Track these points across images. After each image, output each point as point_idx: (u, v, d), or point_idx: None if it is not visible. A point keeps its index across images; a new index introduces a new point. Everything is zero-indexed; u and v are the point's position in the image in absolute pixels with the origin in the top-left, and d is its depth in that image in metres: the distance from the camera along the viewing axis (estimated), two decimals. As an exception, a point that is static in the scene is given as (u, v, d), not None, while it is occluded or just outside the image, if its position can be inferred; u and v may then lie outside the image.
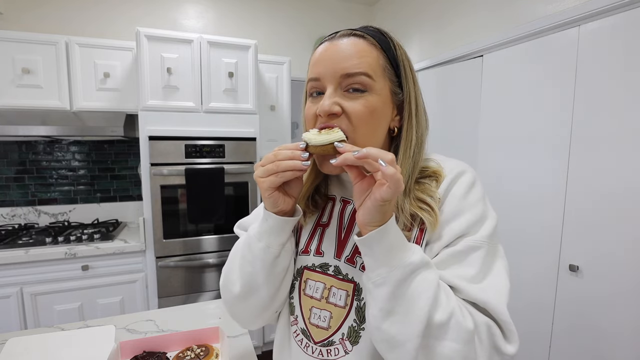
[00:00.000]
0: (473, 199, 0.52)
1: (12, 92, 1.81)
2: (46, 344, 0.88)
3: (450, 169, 0.55)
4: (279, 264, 0.55)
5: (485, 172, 1.85)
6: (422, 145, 0.55)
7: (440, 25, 2.14)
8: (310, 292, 0.57)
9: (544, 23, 1.49)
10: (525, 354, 1.63)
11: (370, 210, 0.42)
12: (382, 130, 0.53)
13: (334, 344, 0.54)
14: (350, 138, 0.49)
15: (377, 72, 0.50)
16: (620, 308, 1.29)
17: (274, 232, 0.53)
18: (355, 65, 0.49)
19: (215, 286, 1.99)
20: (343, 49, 0.50)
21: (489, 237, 0.50)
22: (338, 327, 0.54)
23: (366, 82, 0.49)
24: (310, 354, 0.56)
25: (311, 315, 0.56)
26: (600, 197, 1.34)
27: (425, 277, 0.43)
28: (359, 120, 0.49)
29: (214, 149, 1.93)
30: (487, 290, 0.46)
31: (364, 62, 0.49)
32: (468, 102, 1.93)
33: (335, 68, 0.49)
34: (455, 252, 0.48)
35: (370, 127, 0.50)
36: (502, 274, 0.49)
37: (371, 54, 0.50)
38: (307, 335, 0.57)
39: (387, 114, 0.53)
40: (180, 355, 0.83)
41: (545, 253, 1.54)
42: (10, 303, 1.66)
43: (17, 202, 2.14)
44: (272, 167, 0.47)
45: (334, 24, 2.75)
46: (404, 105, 0.53)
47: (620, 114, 1.27)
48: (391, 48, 0.52)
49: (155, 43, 1.79)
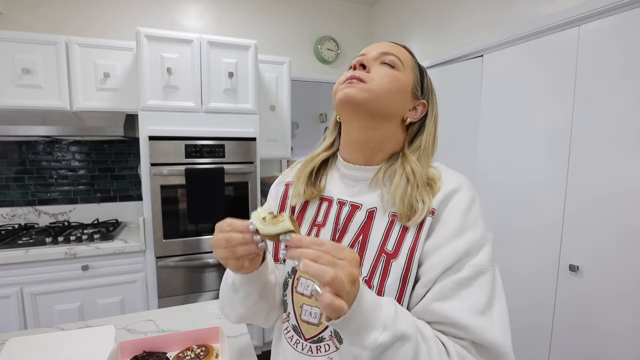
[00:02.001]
0: (474, 217, 0.52)
1: (12, 92, 1.81)
2: (46, 344, 0.88)
3: (448, 180, 0.55)
4: (265, 298, 0.59)
5: (485, 172, 1.85)
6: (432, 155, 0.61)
7: (441, 25, 2.14)
8: (301, 290, 0.59)
9: (544, 23, 1.49)
10: (526, 354, 1.63)
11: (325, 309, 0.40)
12: (398, 103, 0.58)
13: (324, 340, 0.56)
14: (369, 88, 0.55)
15: (406, 63, 0.60)
16: (620, 308, 1.29)
17: (247, 283, 0.56)
18: (392, 50, 0.60)
19: (215, 286, 1.99)
20: (385, 43, 0.61)
21: (492, 260, 0.50)
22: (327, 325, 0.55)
23: (396, 62, 0.58)
24: (299, 351, 0.58)
25: (302, 312, 0.58)
26: (600, 197, 1.34)
27: (400, 353, 0.42)
28: (380, 78, 0.56)
29: (214, 149, 1.93)
30: (495, 328, 0.47)
31: (399, 52, 0.60)
32: (468, 102, 1.93)
33: (378, 48, 0.60)
34: (462, 280, 0.48)
35: (389, 89, 0.56)
36: (504, 299, 0.50)
37: (406, 53, 0.62)
38: (298, 331, 0.59)
39: (404, 94, 0.59)
40: (180, 355, 0.83)
41: (545, 253, 1.54)
42: (10, 303, 1.66)
43: (17, 202, 2.14)
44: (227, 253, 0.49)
45: (334, 24, 2.75)
46: (428, 112, 0.62)
47: (620, 114, 1.27)
48: (423, 68, 0.64)
49: (155, 43, 1.79)
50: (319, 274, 0.38)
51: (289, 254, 0.42)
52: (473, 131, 1.90)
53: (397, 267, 0.52)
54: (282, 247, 0.44)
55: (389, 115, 0.58)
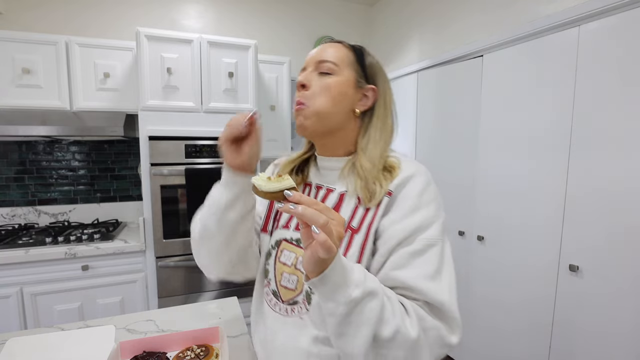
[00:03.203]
0: (428, 198, 0.60)
1: (12, 92, 1.81)
2: (46, 344, 0.88)
3: (407, 166, 0.63)
4: (229, 214, 0.64)
5: (485, 171, 1.85)
6: (391, 136, 0.69)
7: (441, 25, 2.14)
8: (284, 260, 0.68)
9: (544, 23, 1.49)
10: (526, 353, 1.63)
11: (310, 261, 0.47)
12: (341, 106, 0.65)
13: (297, 303, 0.65)
14: (308, 107, 0.64)
15: (342, 62, 0.65)
16: (620, 308, 1.29)
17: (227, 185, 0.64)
18: (326, 56, 0.65)
19: (215, 286, 1.99)
20: (322, 48, 0.67)
21: (442, 234, 0.59)
22: (301, 290, 0.65)
23: (332, 67, 0.64)
24: (277, 312, 0.68)
25: (282, 278, 0.68)
26: (600, 197, 1.34)
27: (369, 307, 0.49)
28: (318, 92, 0.64)
29: (214, 148, 1.93)
30: (443, 290, 0.55)
31: (333, 55, 0.65)
32: (468, 102, 1.93)
33: (313, 59, 0.67)
34: (414, 251, 0.56)
35: (329, 99, 0.64)
36: (452, 268, 0.58)
37: (341, 51, 0.66)
38: (277, 295, 0.68)
39: (349, 95, 0.65)
40: (180, 355, 0.83)
41: (545, 253, 1.54)
42: (10, 303, 1.66)
43: (17, 202, 2.14)
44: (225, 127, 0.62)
45: (334, 24, 2.76)
46: (378, 97, 0.68)
47: (620, 114, 1.27)
48: (363, 54, 0.68)
49: (155, 43, 1.79)
50: (315, 218, 0.44)
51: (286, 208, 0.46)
52: (473, 131, 1.90)
53: (358, 240, 0.61)
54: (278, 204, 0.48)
55: (339, 122, 0.66)
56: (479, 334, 1.91)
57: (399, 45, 2.55)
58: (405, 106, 2.47)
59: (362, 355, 0.50)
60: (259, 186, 0.50)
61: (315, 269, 0.47)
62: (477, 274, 1.92)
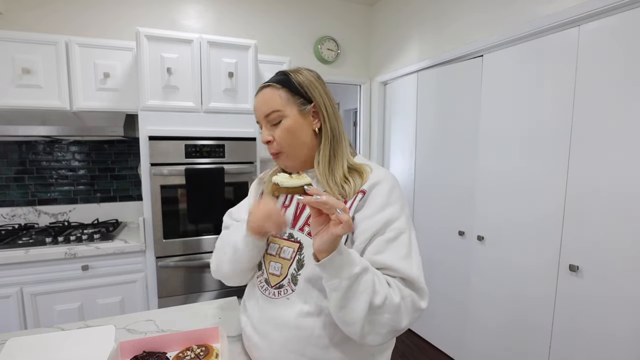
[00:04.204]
0: (395, 197, 0.74)
1: (12, 92, 1.81)
2: (46, 344, 0.88)
3: (377, 172, 0.77)
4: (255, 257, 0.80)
5: (485, 171, 1.85)
6: (340, 138, 0.79)
7: (440, 25, 2.14)
8: (270, 251, 0.81)
9: (544, 23, 1.49)
10: (526, 353, 1.63)
11: (326, 241, 0.59)
12: (305, 137, 0.77)
13: (283, 287, 0.76)
14: (285, 153, 0.77)
15: (283, 104, 0.75)
16: (620, 308, 1.29)
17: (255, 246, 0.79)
18: (268, 108, 0.76)
19: (215, 286, 1.99)
20: (261, 99, 0.78)
21: (408, 224, 0.72)
22: (285, 275, 0.76)
23: (277, 115, 0.75)
24: (267, 295, 0.79)
25: (270, 267, 0.80)
26: (600, 197, 1.34)
27: (365, 280, 0.62)
28: (282, 140, 0.76)
29: (214, 149, 1.93)
30: (413, 268, 0.69)
31: (273, 103, 0.76)
32: (468, 102, 1.93)
33: (260, 112, 0.78)
34: (389, 238, 0.69)
35: (293, 139, 0.77)
36: (417, 249, 0.72)
37: (276, 95, 0.76)
38: (267, 282, 0.79)
39: (304, 124, 0.77)
40: (180, 355, 0.83)
41: (545, 253, 1.54)
42: (10, 303, 1.66)
43: (17, 202, 2.14)
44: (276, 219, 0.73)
45: (334, 24, 2.76)
46: (320, 109, 0.78)
47: (620, 114, 1.27)
48: (291, 81, 0.76)
49: (155, 43, 1.79)
50: (337, 203, 0.57)
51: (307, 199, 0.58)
52: (473, 131, 1.91)
53: None
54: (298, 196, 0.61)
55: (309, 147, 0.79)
56: (479, 333, 1.91)
57: (399, 45, 2.55)
58: (405, 106, 2.47)
59: (360, 321, 0.62)
60: (280, 183, 0.60)
61: (328, 249, 0.59)
62: (477, 274, 1.92)
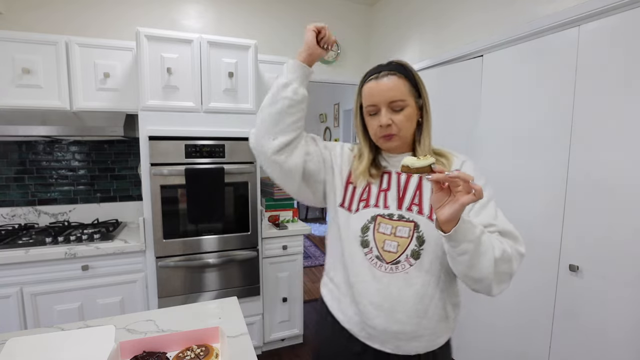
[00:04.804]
0: (479, 172, 0.87)
1: (12, 92, 1.81)
2: (46, 344, 0.88)
3: (459, 154, 0.93)
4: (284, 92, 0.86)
5: (485, 171, 1.85)
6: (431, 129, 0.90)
7: (440, 25, 2.14)
8: (383, 231, 0.86)
9: (544, 23, 1.49)
10: (526, 353, 1.63)
11: (454, 211, 0.65)
12: (414, 125, 0.87)
13: (400, 262, 0.84)
14: (399, 135, 0.85)
15: (407, 95, 0.84)
16: (620, 308, 1.29)
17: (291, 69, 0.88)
18: (396, 95, 0.83)
19: (215, 286, 1.99)
20: (387, 85, 0.83)
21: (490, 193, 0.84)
22: (403, 251, 0.84)
23: (402, 103, 0.83)
24: (383, 271, 0.85)
25: (384, 245, 0.86)
26: (600, 197, 1.34)
27: (485, 239, 0.71)
28: (401, 125, 0.85)
29: (214, 149, 1.93)
30: (504, 222, 0.81)
31: (400, 92, 0.83)
32: (468, 102, 1.93)
33: (385, 97, 0.83)
34: (482, 204, 0.82)
35: (409, 126, 0.86)
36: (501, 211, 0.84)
37: (402, 85, 0.84)
38: (381, 259, 0.86)
39: (415, 114, 0.87)
40: (180, 355, 0.83)
41: (545, 253, 1.54)
42: (10, 303, 1.66)
43: (17, 202, 2.14)
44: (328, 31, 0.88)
45: (334, 23, 2.76)
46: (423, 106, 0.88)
47: (620, 114, 1.27)
48: (411, 76, 0.86)
49: (155, 43, 1.79)
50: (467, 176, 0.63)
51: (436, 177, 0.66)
52: (473, 131, 1.90)
53: None
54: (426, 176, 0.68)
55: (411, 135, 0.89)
56: (479, 333, 1.91)
57: (398, 45, 2.55)
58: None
59: (490, 275, 0.72)
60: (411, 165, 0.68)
61: (455, 218, 0.66)
62: (477, 274, 1.92)
